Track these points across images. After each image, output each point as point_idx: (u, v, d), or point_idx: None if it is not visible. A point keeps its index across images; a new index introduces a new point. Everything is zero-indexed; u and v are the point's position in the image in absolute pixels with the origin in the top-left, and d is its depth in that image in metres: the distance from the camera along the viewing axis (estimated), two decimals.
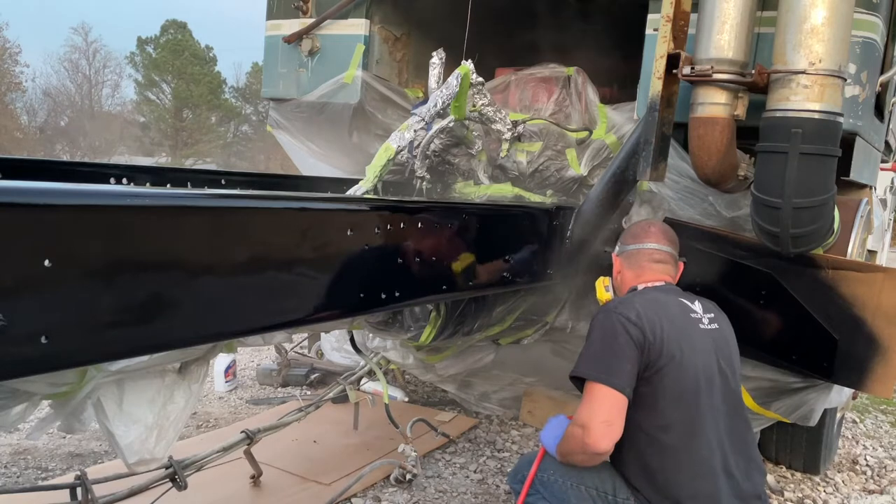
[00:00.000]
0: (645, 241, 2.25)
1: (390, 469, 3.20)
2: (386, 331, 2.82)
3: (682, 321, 2.03)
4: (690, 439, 1.94)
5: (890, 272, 2.43)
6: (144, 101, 36.86)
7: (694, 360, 1.96)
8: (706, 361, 1.99)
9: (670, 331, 1.96)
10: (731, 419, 2.01)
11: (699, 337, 2.02)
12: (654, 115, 2.45)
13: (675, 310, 2.06)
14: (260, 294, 1.64)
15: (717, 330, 2.11)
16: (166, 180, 2.75)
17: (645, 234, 2.28)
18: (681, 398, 1.94)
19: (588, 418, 1.88)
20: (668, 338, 1.94)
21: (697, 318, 2.08)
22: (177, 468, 2.46)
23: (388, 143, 2.91)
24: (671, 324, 1.98)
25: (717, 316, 2.15)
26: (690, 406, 1.94)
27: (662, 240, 2.25)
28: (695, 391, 1.95)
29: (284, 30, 3.77)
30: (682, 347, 1.96)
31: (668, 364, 1.92)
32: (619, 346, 1.92)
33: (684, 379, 1.94)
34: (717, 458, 1.95)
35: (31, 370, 1.31)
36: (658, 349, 1.92)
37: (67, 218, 1.26)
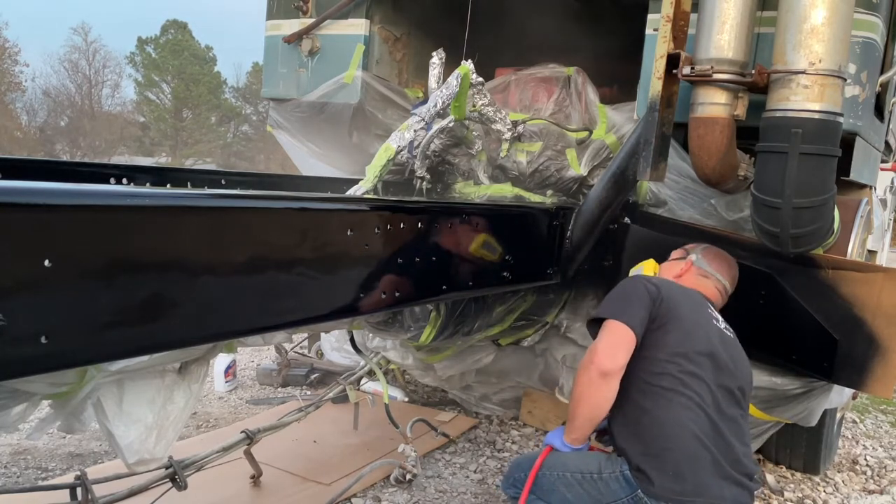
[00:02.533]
0: (724, 274, 2.40)
1: (390, 469, 3.20)
2: (386, 331, 2.82)
3: (700, 310, 2.18)
4: (679, 394, 2.02)
5: (890, 272, 2.42)
6: (144, 101, 36.87)
7: (699, 333, 2.09)
8: (711, 342, 2.09)
9: (685, 305, 2.13)
10: (727, 402, 2.06)
11: (711, 327, 2.14)
12: (654, 115, 2.45)
13: (696, 302, 2.21)
14: (260, 294, 1.65)
15: (733, 338, 2.21)
16: (166, 180, 2.75)
17: (728, 269, 2.43)
18: (676, 356, 2.04)
19: (597, 344, 2.03)
20: (681, 307, 2.11)
21: (715, 317, 2.21)
22: (177, 468, 2.46)
23: (388, 143, 2.91)
24: (688, 303, 2.16)
25: (734, 335, 2.25)
26: (684, 367, 2.04)
27: (732, 283, 2.43)
28: (690, 357, 2.04)
29: (284, 30, 3.77)
30: (692, 319, 2.11)
31: (673, 323, 2.07)
32: (636, 295, 2.11)
33: (685, 342, 2.06)
34: (704, 424, 1.99)
35: (31, 370, 1.31)
36: (667, 308, 2.08)
37: (67, 218, 1.26)
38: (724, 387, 2.06)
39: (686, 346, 2.05)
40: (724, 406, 2.04)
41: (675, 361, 2.03)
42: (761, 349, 2.62)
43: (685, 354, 2.04)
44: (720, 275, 2.40)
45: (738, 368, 2.12)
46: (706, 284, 2.36)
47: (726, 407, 2.05)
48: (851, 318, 2.45)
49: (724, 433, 2.01)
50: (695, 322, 2.12)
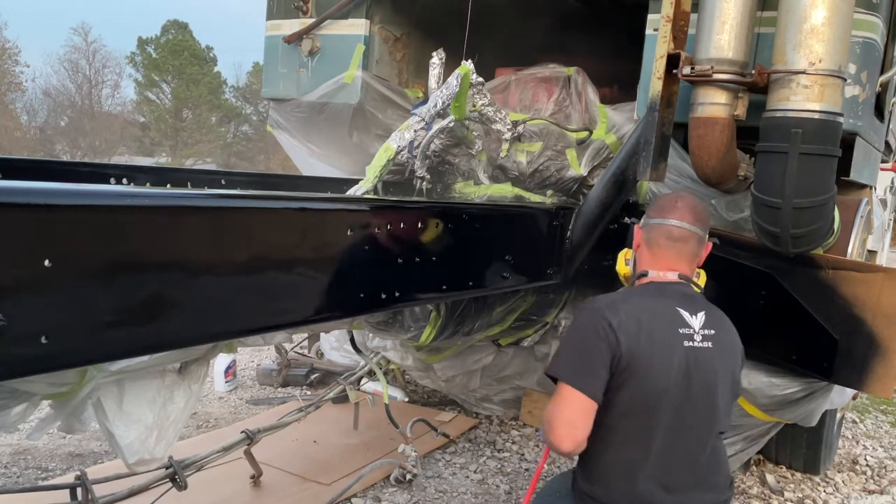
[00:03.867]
0: (668, 216, 2.05)
1: (390, 469, 3.20)
2: (386, 331, 2.82)
3: (665, 336, 1.92)
4: (623, 447, 1.92)
5: (890, 272, 2.42)
6: (144, 101, 36.86)
7: (659, 378, 1.88)
8: (675, 380, 1.89)
9: (646, 345, 1.89)
10: (685, 438, 1.92)
11: (678, 355, 1.90)
12: (654, 115, 2.45)
13: (664, 322, 1.94)
14: (260, 294, 1.64)
15: (708, 350, 1.94)
16: (166, 180, 2.75)
17: (671, 208, 2.07)
18: (631, 412, 1.90)
19: (552, 417, 1.87)
20: (641, 353, 1.88)
21: (687, 335, 1.93)
22: (177, 468, 2.46)
23: (388, 143, 2.91)
24: (649, 339, 1.89)
25: (718, 333, 1.98)
26: (640, 419, 1.90)
27: (687, 216, 2.05)
28: (649, 407, 1.89)
29: (284, 30, 3.76)
30: (653, 364, 1.88)
31: (630, 380, 1.88)
32: (595, 351, 1.88)
33: (641, 396, 1.89)
34: (652, 468, 1.89)
35: (31, 370, 1.31)
36: (626, 363, 1.87)
37: (67, 218, 1.26)
38: (690, 414, 1.91)
39: (641, 400, 1.89)
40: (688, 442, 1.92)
41: (626, 418, 1.90)
42: (761, 349, 2.62)
43: (635, 411, 1.90)
44: (664, 218, 2.06)
45: (710, 385, 1.93)
46: (657, 240, 2.06)
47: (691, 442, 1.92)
48: (851, 318, 2.45)
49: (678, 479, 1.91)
50: (658, 363, 1.89)
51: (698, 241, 2.07)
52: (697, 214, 2.07)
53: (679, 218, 2.04)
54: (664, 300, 1.98)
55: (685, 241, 2.04)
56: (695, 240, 2.06)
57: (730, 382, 1.98)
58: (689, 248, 2.05)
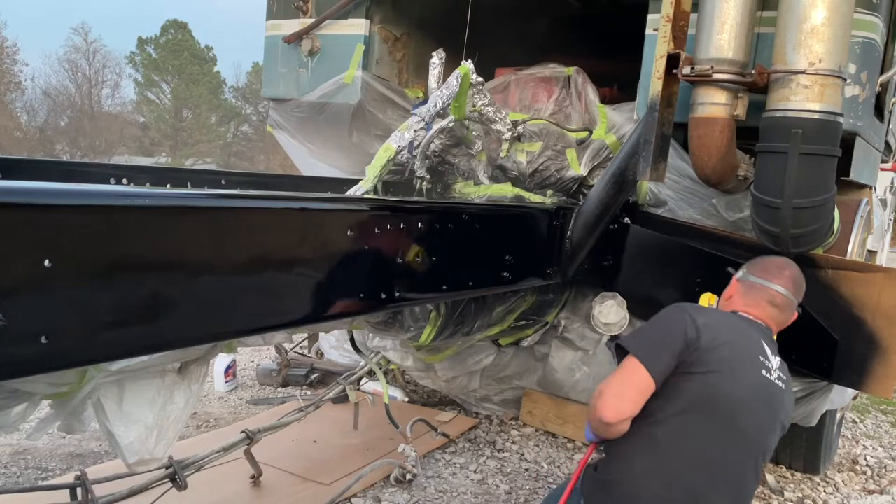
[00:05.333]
0: (774, 281, 2.11)
1: (390, 469, 3.20)
2: (386, 331, 2.82)
3: (747, 355, 1.93)
4: (665, 454, 1.86)
5: (890, 272, 2.42)
6: (144, 101, 36.87)
7: (730, 389, 1.86)
8: (747, 401, 1.87)
9: (727, 351, 1.88)
10: (731, 463, 1.87)
11: (756, 378, 1.90)
12: (654, 115, 2.45)
13: (748, 343, 1.96)
14: (260, 294, 1.64)
15: (780, 389, 1.96)
16: (166, 180, 2.75)
17: (778, 274, 2.13)
18: (692, 408, 1.85)
19: (607, 385, 1.87)
20: (720, 355, 1.86)
21: (765, 366, 1.95)
22: (177, 468, 2.45)
23: (388, 143, 2.91)
24: (732, 348, 1.90)
25: (787, 383, 2.02)
26: (690, 426, 1.85)
27: (791, 286, 2.12)
28: (702, 417, 1.85)
29: (284, 30, 3.76)
30: (727, 372, 1.86)
31: (700, 375, 1.85)
32: (670, 336, 1.89)
33: (704, 399, 1.85)
34: (692, 482, 1.83)
35: (31, 370, 1.31)
36: (700, 357, 1.85)
37: (67, 218, 1.26)
38: (732, 460, 1.86)
39: (705, 403, 1.85)
40: (719, 478, 1.85)
41: (684, 416, 1.84)
42: None
43: (699, 410, 1.85)
44: (769, 281, 2.10)
45: (764, 434, 1.91)
46: (757, 299, 2.09)
47: (723, 479, 1.85)
48: (851, 318, 2.45)
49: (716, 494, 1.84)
50: (734, 374, 1.87)
51: (791, 311, 2.14)
52: (799, 286, 2.15)
53: (784, 286, 2.11)
54: (751, 328, 2.04)
55: (783, 309, 2.11)
56: (791, 309, 2.13)
57: (779, 432, 2.00)
58: (785, 316, 2.13)
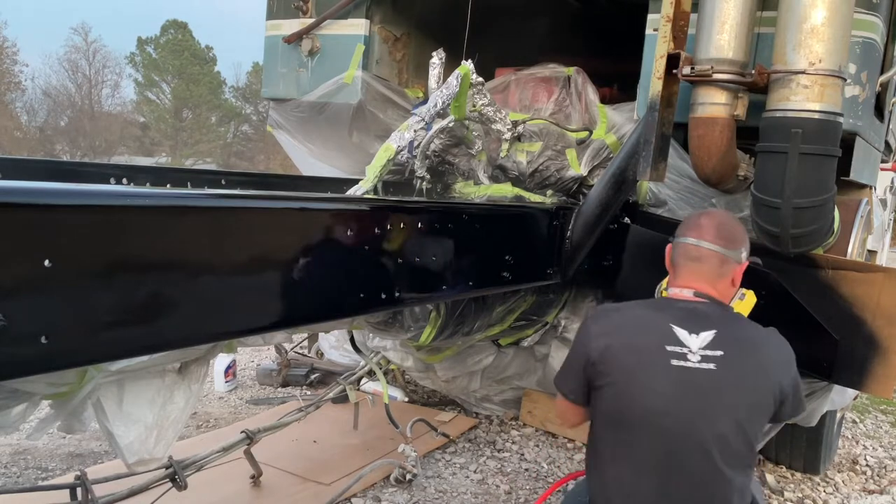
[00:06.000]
0: (688, 233, 1.99)
1: (390, 469, 3.20)
2: (386, 331, 2.82)
3: (649, 351, 1.86)
4: (613, 463, 1.89)
5: (890, 272, 2.42)
6: (144, 101, 36.88)
7: (641, 394, 1.84)
8: (661, 401, 1.82)
9: (625, 356, 1.88)
10: (687, 467, 1.81)
11: (664, 373, 1.82)
12: (654, 115, 2.45)
13: (651, 337, 1.88)
14: (260, 294, 1.64)
15: (708, 371, 1.81)
16: (166, 180, 2.75)
17: (693, 225, 2.01)
18: (613, 424, 1.89)
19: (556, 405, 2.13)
20: (619, 363, 1.87)
21: (676, 353, 1.83)
22: (177, 468, 2.46)
23: (388, 143, 2.91)
24: (630, 350, 1.88)
25: (731, 354, 1.83)
26: (624, 434, 1.87)
27: (708, 234, 1.96)
28: (632, 424, 1.85)
29: (284, 30, 3.76)
30: (634, 377, 1.85)
31: (607, 388, 1.88)
32: (572, 361, 2.01)
33: (620, 408, 1.87)
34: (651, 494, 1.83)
35: (31, 370, 1.31)
36: (600, 369, 1.88)
37: (67, 218, 1.26)
38: (674, 451, 1.81)
39: (618, 415, 1.87)
40: (674, 471, 1.81)
41: (610, 430, 1.89)
42: None
43: (618, 423, 1.87)
44: (684, 236, 1.99)
45: (707, 422, 1.80)
46: (678, 261, 2.00)
47: (678, 471, 1.81)
48: (851, 318, 2.45)
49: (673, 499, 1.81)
50: (637, 377, 1.85)
51: (720, 261, 1.96)
52: (721, 232, 1.98)
53: (697, 236, 1.97)
54: (661, 315, 1.91)
55: (701, 261, 1.96)
56: (715, 259, 1.96)
57: (749, 408, 1.83)
58: (708, 267, 1.96)
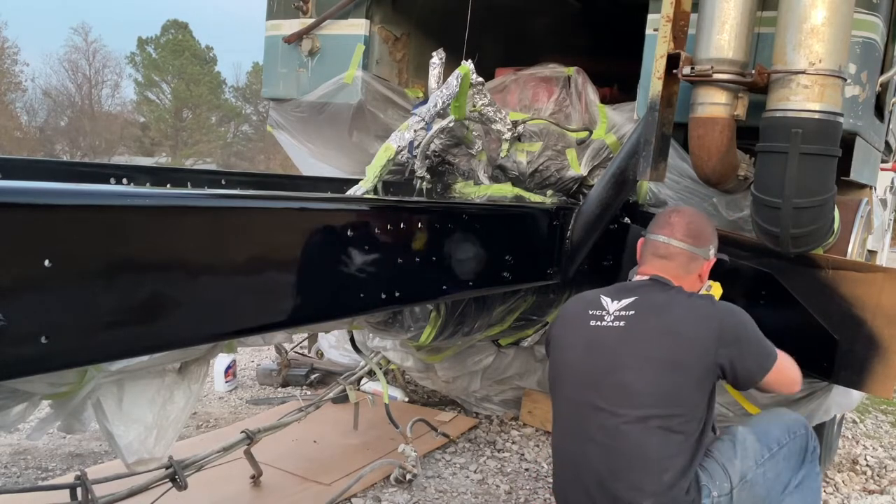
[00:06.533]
0: (658, 231, 2.10)
1: (390, 469, 3.19)
2: (386, 331, 2.82)
3: (575, 317, 2.09)
4: (553, 429, 2.09)
5: (890, 272, 2.42)
6: (144, 101, 36.89)
7: (562, 353, 2.08)
8: (576, 357, 2.03)
9: (559, 326, 2.14)
10: (593, 419, 1.91)
11: (582, 334, 2.03)
12: (654, 115, 2.45)
13: (581, 306, 2.09)
14: (260, 294, 1.65)
15: (615, 328, 1.95)
16: (166, 180, 2.75)
17: (663, 223, 2.11)
18: (551, 391, 2.12)
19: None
20: (556, 333, 2.13)
21: (595, 315, 2.01)
22: (177, 468, 2.45)
23: (388, 143, 2.91)
24: (563, 321, 2.14)
25: (642, 314, 1.95)
26: (555, 394, 2.09)
27: (677, 231, 2.07)
28: (554, 381, 2.09)
29: (284, 30, 3.76)
30: (561, 341, 2.10)
31: (550, 355, 2.14)
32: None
33: (553, 369, 2.11)
34: (570, 454, 2.00)
35: (31, 370, 1.31)
36: (548, 342, 2.18)
37: (67, 218, 1.26)
38: (590, 404, 1.92)
39: (552, 381, 2.10)
40: (589, 424, 1.92)
41: (552, 399, 2.11)
42: None
43: (552, 389, 2.10)
44: (653, 233, 2.10)
45: (610, 372, 1.91)
46: (645, 255, 2.12)
47: (591, 425, 1.91)
48: (851, 318, 2.45)
49: (590, 456, 1.90)
50: (565, 342, 2.08)
51: (689, 258, 2.07)
52: (690, 230, 2.08)
53: (667, 234, 2.07)
54: (599, 290, 2.11)
55: (669, 258, 2.07)
56: (683, 256, 2.07)
57: (657, 362, 1.89)
58: (675, 264, 2.07)
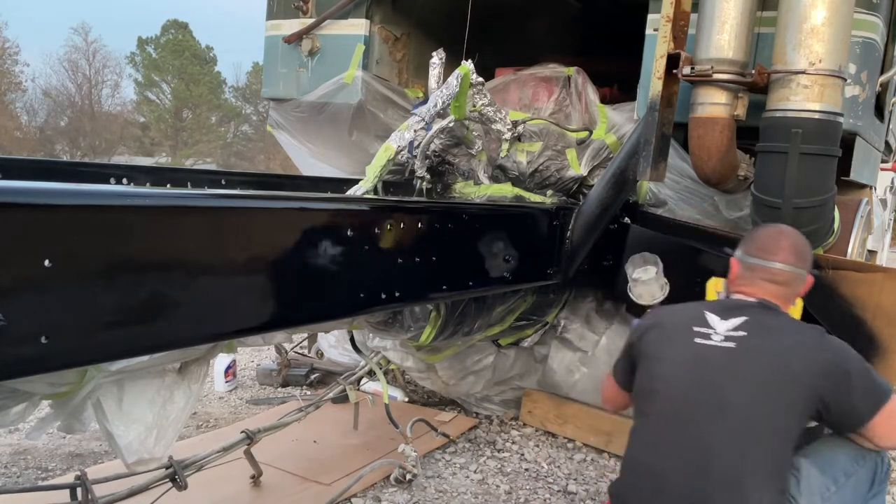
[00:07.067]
0: (772, 259, 1.99)
1: (390, 469, 3.19)
2: (386, 331, 2.82)
3: (677, 330, 2.01)
4: (633, 436, 2.03)
5: (890, 272, 2.43)
6: (144, 101, 36.89)
7: (659, 364, 1.99)
8: (675, 371, 1.94)
9: (656, 335, 2.06)
10: (687, 431, 1.87)
11: (685, 349, 1.95)
12: (654, 115, 2.45)
13: (682, 320, 2.02)
14: (260, 294, 1.65)
15: (725, 349, 1.89)
16: (166, 180, 2.75)
17: (774, 249, 2.00)
18: (638, 397, 2.06)
19: (603, 383, 2.35)
20: (651, 342, 2.05)
21: (701, 333, 1.94)
22: (177, 468, 2.45)
23: (388, 143, 2.91)
24: (661, 331, 2.05)
25: (754, 337, 1.88)
26: (640, 404, 2.05)
27: (791, 257, 1.99)
28: (647, 391, 2.01)
29: (284, 30, 3.77)
30: (658, 352, 2.01)
31: (641, 364, 2.06)
32: (624, 345, 2.21)
33: (645, 381, 2.03)
34: (650, 464, 1.92)
35: (31, 370, 1.31)
36: (638, 350, 2.08)
37: (67, 218, 1.26)
38: (682, 419, 1.89)
39: (642, 388, 2.04)
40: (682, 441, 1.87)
41: (637, 404, 2.07)
42: None
43: (641, 396, 2.04)
44: (766, 259, 1.99)
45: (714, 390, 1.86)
46: (754, 280, 2.01)
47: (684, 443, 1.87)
48: (851, 318, 2.45)
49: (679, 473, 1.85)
50: (655, 354, 2.01)
51: (798, 281, 2.02)
52: (801, 254, 2.02)
53: (783, 260, 1.98)
54: (702, 305, 2.08)
55: (783, 284, 2.00)
56: (795, 280, 2.01)
57: (765, 385, 1.83)
58: (786, 289, 2.01)
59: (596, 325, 3.55)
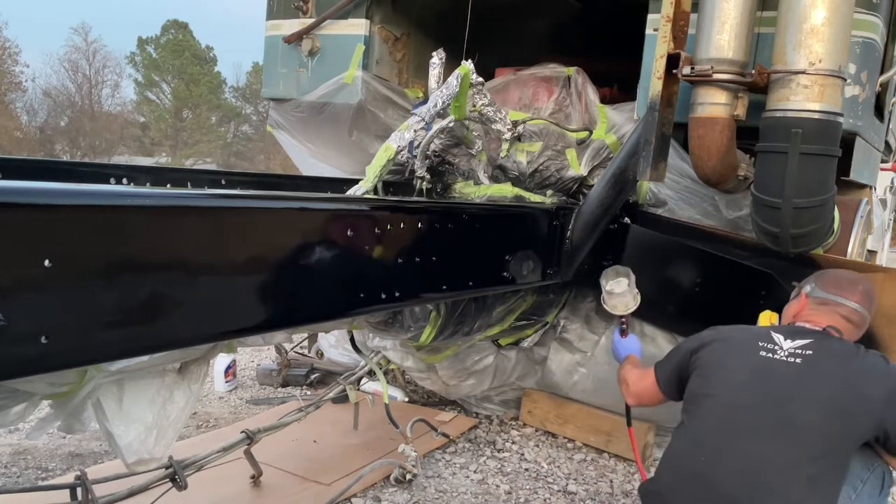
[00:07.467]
0: (849, 297, 2.09)
1: (390, 469, 3.19)
2: (386, 331, 2.82)
3: (741, 345, 2.05)
4: (675, 435, 2.07)
5: (890, 272, 2.43)
6: (144, 101, 36.89)
7: (723, 375, 2.00)
8: (736, 381, 1.97)
9: (720, 349, 2.07)
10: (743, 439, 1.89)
11: (748, 361, 1.99)
12: (654, 115, 2.45)
13: (749, 337, 2.06)
14: (260, 294, 1.65)
15: (791, 364, 1.93)
16: (166, 180, 2.75)
17: (851, 289, 2.11)
18: (688, 401, 2.06)
19: (631, 378, 2.36)
20: (712, 354, 2.06)
21: (766, 348, 1.99)
22: (177, 468, 2.45)
23: (388, 143, 2.91)
24: (725, 346, 2.07)
25: (820, 356, 1.93)
26: (693, 408, 2.03)
27: (865, 301, 2.11)
28: (701, 396, 2.01)
29: (284, 30, 3.77)
30: (724, 363, 2.02)
31: (695, 373, 2.07)
32: (677, 351, 2.20)
33: (704, 385, 2.02)
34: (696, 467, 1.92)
35: (31, 370, 1.31)
36: (699, 358, 2.07)
37: (67, 218, 1.26)
38: (738, 427, 1.91)
39: (694, 392, 2.04)
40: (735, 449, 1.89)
41: (685, 408, 2.07)
42: None
43: (692, 399, 2.04)
44: (843, 297, 2.09)
45: (777, 404, 1.88)
46: (825, 312, 2.09)
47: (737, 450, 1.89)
48: None
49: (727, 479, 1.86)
50: (717, 361, 2.03)
51: (866, 325, 2.13)
52: (872, 300, 2.13)
53: (860, 302, 2.09)
54: (765, 327, 2.13)
55: (857, 325, 2.09)
56: (865, 324, 2.12)
57: (828, 404, 1.86)
58: (858, 331, 2.10)
59: (596, 326, 3.55)
